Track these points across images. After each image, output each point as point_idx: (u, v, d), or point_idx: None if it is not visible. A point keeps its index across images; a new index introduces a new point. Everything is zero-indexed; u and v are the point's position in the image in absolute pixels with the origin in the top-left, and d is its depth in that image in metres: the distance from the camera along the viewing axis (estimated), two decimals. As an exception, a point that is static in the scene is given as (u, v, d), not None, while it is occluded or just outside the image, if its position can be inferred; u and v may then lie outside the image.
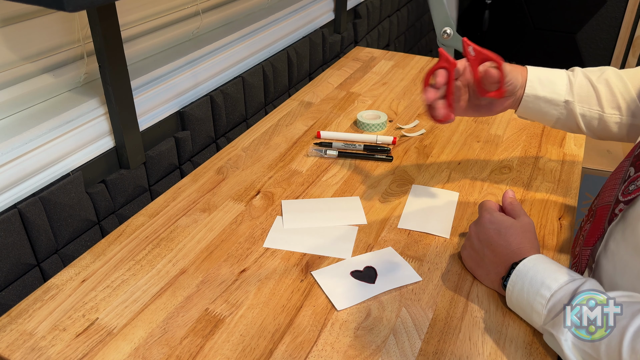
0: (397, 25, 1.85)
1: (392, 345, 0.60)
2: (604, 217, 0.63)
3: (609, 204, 0.63)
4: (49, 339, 0.61)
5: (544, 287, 0.58)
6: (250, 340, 0.61)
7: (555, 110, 0.76)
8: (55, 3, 0.52)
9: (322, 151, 0.96)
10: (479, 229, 0.68)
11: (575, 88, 0.75)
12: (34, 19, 0.74)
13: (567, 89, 0.75)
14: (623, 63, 2.39)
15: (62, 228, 0.77)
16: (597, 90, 0.75)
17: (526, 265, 0.61)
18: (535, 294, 0.59)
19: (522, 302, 0.60)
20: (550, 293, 0.57)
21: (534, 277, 0.59)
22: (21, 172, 0.72)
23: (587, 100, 0.75)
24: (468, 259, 0.70)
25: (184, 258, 0.73)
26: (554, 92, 0.75)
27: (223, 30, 1.10)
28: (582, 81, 0.75)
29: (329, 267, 0.71)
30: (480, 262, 0.67)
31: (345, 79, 1.26)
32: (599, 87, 0.75)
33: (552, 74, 0.76)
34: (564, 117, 0.77)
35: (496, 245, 0.65)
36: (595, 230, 0.63)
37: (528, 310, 0.60)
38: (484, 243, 0.66)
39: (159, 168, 0.93)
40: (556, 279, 0.58)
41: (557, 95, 0.75)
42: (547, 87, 0.75)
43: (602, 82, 0.75)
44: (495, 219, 0.67)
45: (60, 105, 0.79)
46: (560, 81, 0.75)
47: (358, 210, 0.82)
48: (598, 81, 0.75)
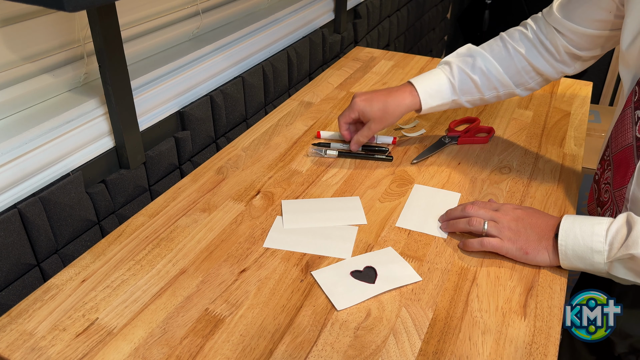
0: (397, 25, 1.85)
1: (392, 345, 0.60)
2: (629, 157, 0.69)
3: (628, 145, 0.70)
4: (49, 339, 0.61)
5: (597, 225, 0.64)
6: (250, 340, 0.61)
7: (446, 106, 0.93)
8: (55, 3, 0.52)
9: (322, 151, 0.96)
10: (515, 209, 0.74)
11: (457, 85, 0.89)
12: (34, 19, 0.74)
13: (451, 91, 0.90)
14: (623, 63, 2.38)
15: (62, 228, 0.77)
16: (474, 80, 0.89)
17: (568, 218, 0.68)
18: (591, 234, 0.64)
19: (579, 248, 0.65)
20: (604, 228, 0.63)
21: (582, 223, 0.65)
22: (21, 172, 0.72)
23: (469, 92, 0.91)
24: (513, 239, 0.71)
25: (184, 258, 0.73)
26: (442, 98, 0.90)
27: (223, 30, 1.10)
28: (460, 77, 0.89)
29: (329, 267, 0.71)
30: (530, 233, 0.71)
31: (345, 79, 1.26)
32: (475, 77, 0.89)
33: (436, 84, 0.90)
34: (453, 105, 0.93)
35: (535, 217, 0.72)
36: (622, 171, 0.70)
37: (588, 254, 0.64)
38: (525, 217, 0.72)
39: (159, 168, 0.93)
40: (600, 220, 0.65)
41: (446, 99, 0.91)
42: (437, 97, 0.90)
43: (477, 72, 0.89)
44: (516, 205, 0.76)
45: (60, 105, 0.79)
46: (445, 87, 0.90)
47: (358, 210, 0.82)
48: (473, 71, 0.89)
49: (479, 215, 0.74)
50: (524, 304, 0.66)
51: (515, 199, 0.84)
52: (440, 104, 0.91)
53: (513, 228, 0.71)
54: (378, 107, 0.89)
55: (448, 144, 0.99)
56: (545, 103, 1.15)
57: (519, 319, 0.64)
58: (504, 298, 0.66)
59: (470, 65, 0.89)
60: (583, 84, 1.23)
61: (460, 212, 0.76)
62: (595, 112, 1.83)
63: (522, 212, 0.73)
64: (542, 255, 0.69)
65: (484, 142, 1.00)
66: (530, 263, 0.70)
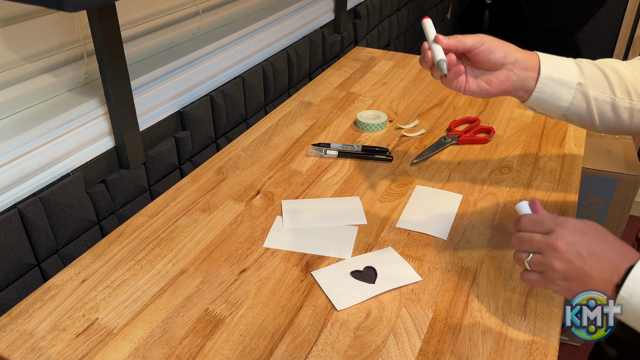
0: (397, 25, 1.85)
1: (392, 345, 0.60)
2: None
3: None
4: (49, 339, 0.61)
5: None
6: (250, 340, 0.61)
7: (569, 94, 0.71)
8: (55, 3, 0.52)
9: (322, 151, 0.96)
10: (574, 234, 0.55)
11: (586, 72, 0.71)
12: (34, 19, 0.74)
13: (579, 72, 0.71)
14: (623, 63, 2.39)
15: (62, 228, 0.77)
16: (606, 74, 0.71)
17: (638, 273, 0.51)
18: None
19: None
20: None
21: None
22: (21, 172, 0.72)
23: (599, 84, 0.71)
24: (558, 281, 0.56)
25: (184, 258, 0.73)
26: (567, 74, 0.70)
27: (223, 30, 1.10)
28: (590, 67, 0.72)
29: (329, 267, 0.71)
30: (585, 274, 0.54)
31: (345, 79, 1.26)
32: (608, 72, 0.71)
33: (560, 58, 0.73)
34: (576, 103, 0.71)
35: (600, 251, 0.54)
36: None
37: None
38: (588, 254, 0.54)
39: (159, 168, 0.93)
40: None
41: (571, 76, 0.70)
42: (560, 69, 0.71)
43: (609, 69, 0.72)
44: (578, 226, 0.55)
45: (60, 105, 0.79)
46: (570, 64, 0.72)
47: (358, 210, 0.82)
48: (605, 67, 0.72)
49: (522, 246, 0.58)
50: (524, 304, 0.66)
51: (515, 199, 0.84)
52: (562, 79, 0.70)
53: (565, 264, 0.54)
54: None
55: (448, 144, 0.99)
56: (545, 103, 1.15)
57: (519, 319, 0.64)
58: (504, 298, 0.66)
59: (602, 62, 0.73)
60: (583, 84, 1.23)
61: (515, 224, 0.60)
62: (595, 112, 1.83)
63: (583, 238, 0.54)
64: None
65: (484, 142, 1.00)
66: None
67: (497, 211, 0.82)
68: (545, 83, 0.70)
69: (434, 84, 1.24)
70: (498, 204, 0.84)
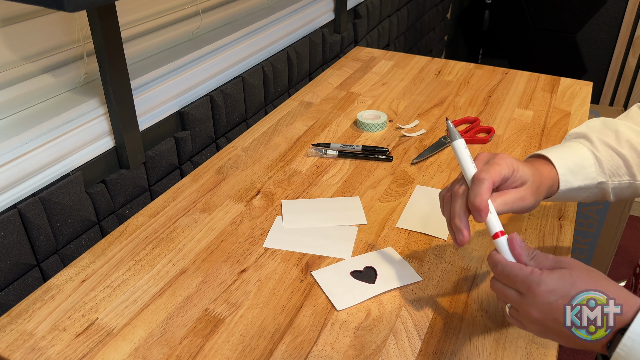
0: (397, 25, 1.85)
1: (392, 345, 0.60)
2: None
3: None
4: (49, 339, 0.61)
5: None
6: (250, 340, 0.61)
7: (586, 193, 0.67)
8: (55, 3, 0.52)
9: (322, 151, 0.96)
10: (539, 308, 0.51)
11: (605, 164, 0.66)
12: (34, 19, 0.74)
13: (598, 169, 0.66)
14: (623, 63, 2.39)
15: (62, 228, 0.77)
16: (624, 157, 0.66)
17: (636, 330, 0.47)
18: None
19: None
20: None
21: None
22: (21, 172, 0.72)
23: (617, 173, 0.67)
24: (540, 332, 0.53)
25: (184, 258, 0.73)
26: (587, 178, 0.66)
27: (223, 30, 1.10)
28: (606, 153, 0.66)
29: (329, 267, 0.71)
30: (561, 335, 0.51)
31: (345, 79, 1.26)
32: (624, 153, 0.66)
33: (578, 157, 0.66)
34: (593, 196, 0.68)
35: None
36: None
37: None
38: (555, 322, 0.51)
39: (159, 168, 0.93)
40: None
41: (591, 180, 0.66)
42: (580, 175, 0.65)
43: (625, 146, 0.66)
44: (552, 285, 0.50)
45: (60, 105, 0.79)
46: (588, 163, 0.66)
47: (358, 210, 0.82)
48: (620, 145, 0.66)
49: (499, 296, 0.55)
50: (524, 304, 0.66)
51: (515, 199, 0.84)
52: (582, 186, 0.65)
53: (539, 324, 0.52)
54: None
55: (448, 144, 0.99)
56: (545, 103, 1.15)
57: (519, 319, 0.64)
58: (504, 298, 0.66)
59: (614, 138, 0.67)
60: (583, 84, 1.23)
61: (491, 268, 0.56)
62: (595, 112, 1.83)
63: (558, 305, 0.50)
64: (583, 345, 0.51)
65: (484, 142, 1.00)
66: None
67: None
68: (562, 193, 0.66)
69: (434, 84, 1.24)
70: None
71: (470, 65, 1.34)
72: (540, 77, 1.27)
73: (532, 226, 0.79)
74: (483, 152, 0.62)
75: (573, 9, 2.42)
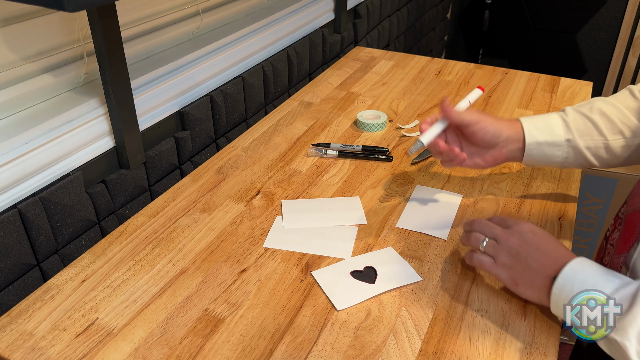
0: (397, 25, 1.85)
1: (392, 345, 0.60)
2: (636, 223, 0.61)
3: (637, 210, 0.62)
4: (49, 339, 0.61)
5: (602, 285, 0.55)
6: (250, 340, 0.61)
7: (559, 151, 0.75)
8: (55, 3, 0.53)
9: (322, 151, 0.96)
10: (527, 232, 0.64)
11: (572, 125, 0.75)
12: (34, 19, 0.74)
13: (565, 128, 0.75)
14: (623, 63, 2.39)
15: (62, 228, 0.77)
16: (593, 121, 0.74)
17: (576, 264, 0.58)
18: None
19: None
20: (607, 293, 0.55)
21: (588, 276, 0.56)
22: (21, 172, 0.72)
23: (587, 133, 0.74)
24: (507, 265, 0.64)
25: (184, 258, 0.73)
26: (553, 134, 0.75)
27: (223, 30, 1.10)
28: (576, 117, 0.75)
29: (329, 267, 0.71)
30: (529, 264, 0.62)
31: (345, 79, 1.26)
32: (595, 118, 0.74)
33: (545, 118, 0.76)
34: (570, 156, 0.76)
35: (546, 246, 0.62)
36: (627, 237, 0.62)
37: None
38: (533, 244, 0.62)
39: (159, 168, 0.93)
40: (609, 280, 0.55)
41: (558, 136, 0.75)
42: (546, 131, 0.75)
43: (595, 113, 0.75)
44: (532, 228, 0.65)
45: (60, 105, 0.79)
46: (555, 122, 0.75)
47: (358, 210, 0.82)
48: (592, 113, 0.75)
49: (483, 231, 0.67)
50: (524, 304, 0.66)
51: (515, 199, 0.84)
52: (549, 141, 0.74)
53: (513, 253, 0.63)
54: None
55: None
56: (545, 103, 1.15)
57: (519, 319, 0.64)
58: (504, 298, 0.66)
59: (588, 108, 0.76)
60: (583, 84, 1.23)
61: (468, 226, 0.70)
62: (595, 112, 1.83)
63: (533, 237, 0.63)
64: (532, 291, 0.62)
65: None
66: (518, 294, 0.65)
67: (497, 211, 0.82)
68: (532, 149, 0.75)
69: (434, 84, 1.24)
70: (498, 204, 0.84)
71: (470, 65, 1.34)
72: (540, 77, 1.27)
73: (532, 226, 0.79)
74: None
75: (573, 9, 2.42)
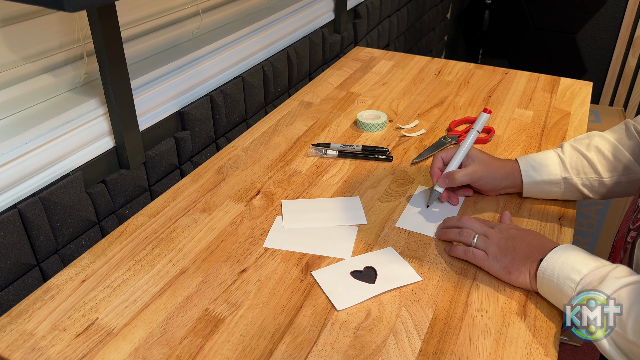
0: (397, 25, 1.85)
1: (392, 345, 0.60)
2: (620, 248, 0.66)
3: (623, 235, 0.67)
4: (49, 339, 0.61)
5: (574, 272, 0.60)
6: (250, 340, 0.61)
7: (557, 187, 0.80)
8: (55, 3, 0.52)
9: (322, 151, 0.96)
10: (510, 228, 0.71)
11: (568, 163, 0.79)
12: (34, 19, 0.74)
13: (561, 167, 0.79)
14: (623, 63, 2.39)
15: (62, 228, 0.77)
16: (588, 158, 0.78)
17: (557, 252, 0.64)
18: (566, 278, 0.61)
19: (552, 286, 0.62)
20: (580, 276, 0.59)
21: (565, 262, 0.62)
22: (21, 172, 0.72)
23: (583, 171, 0.79)
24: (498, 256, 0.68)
25: (184, 258, 0.73)
26: (550, 173, 0.80)
27: (223, 30, 1.10)
28: (572, 155, 0.80)
29: (329, 267, 0.71)
30: (518, 252, 0.67)
31: (345, 79, 1.26)
32: (590, 155, 0.78)
33: (542, 157, 0.81)
34: (568, 190, 0.80)
35: (530, 238, 0.69)
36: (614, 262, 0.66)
37: (558, 294, 0.62)
38: (518, 237, 0.69)
39: (159, 168, 0.93)
40: (586, 263, 0.61)
41: (554, 175, 0.80)
42: (542, 171, 0.80)
43: (592, 150, 0.79)
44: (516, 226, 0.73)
45: (60, 105, 0.79)
46: (552, 162, 0.80)
47: (358, 210, 0.82)
48: (588, 150, 0.79)
49: (473, 227, 0.72)
50: (524, 304, 0.66)
51: (515, 199, 0.84)
52: (545, 180, 0.80)
53: (502, 246, 0.68)
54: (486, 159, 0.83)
55: (448, 144, 0.99)
56: (545, 103, 1.15)
57: (519, 319, 0.64)
58: (504, 298, 0.66)
59: (586, 144, 0.80)
60: (583, 84, 1.23)
61: (455, 222, 0.75)
62: (595, 112, 1.83)
63: (517, 231, 0.70)
64: (523, 276, 0.66)
65: (484, 142, 1.00)
66: (511, 284, 0.67)
67: (497, 211, 0.82)
68: (530, 187, 0.81)
69: (434, 84, 1.24)
70: (498, 204, 0.84)
71: (470, 65, 1.34)
72: (540, 77, 1.27)
73: (533, 226, 0.79)
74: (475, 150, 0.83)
75: (573, 9, 2.42)
